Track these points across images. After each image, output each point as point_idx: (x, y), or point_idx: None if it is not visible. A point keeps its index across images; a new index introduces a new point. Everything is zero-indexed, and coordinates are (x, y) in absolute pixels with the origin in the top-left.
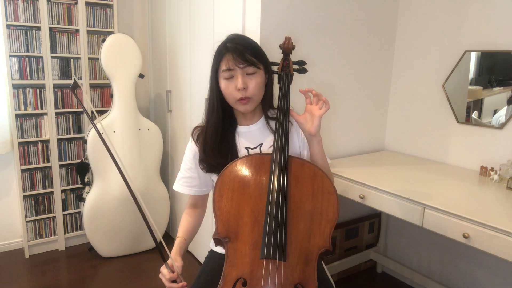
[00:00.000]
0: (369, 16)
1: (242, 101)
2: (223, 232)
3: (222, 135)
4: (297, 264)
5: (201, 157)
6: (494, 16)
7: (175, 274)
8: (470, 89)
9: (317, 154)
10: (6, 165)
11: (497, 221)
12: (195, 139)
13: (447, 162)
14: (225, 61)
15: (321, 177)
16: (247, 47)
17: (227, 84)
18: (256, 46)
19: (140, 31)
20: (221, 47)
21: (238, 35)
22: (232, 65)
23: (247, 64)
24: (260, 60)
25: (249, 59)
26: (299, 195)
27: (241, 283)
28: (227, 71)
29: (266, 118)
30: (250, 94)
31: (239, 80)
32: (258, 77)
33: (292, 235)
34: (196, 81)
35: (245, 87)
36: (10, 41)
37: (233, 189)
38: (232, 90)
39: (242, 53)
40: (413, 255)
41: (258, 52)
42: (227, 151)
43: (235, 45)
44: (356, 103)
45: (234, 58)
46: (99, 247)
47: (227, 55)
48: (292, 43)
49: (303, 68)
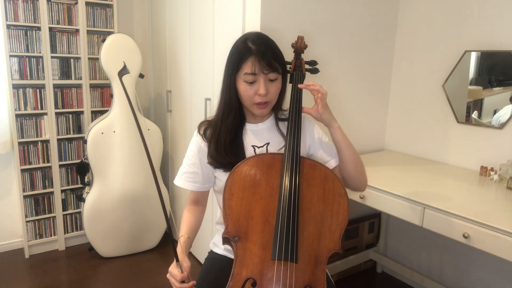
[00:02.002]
0: (368, 16)
1: (260, 106)
2: (232, 231)
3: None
4: (307, 266)
5: (212, 154)
6: (494, 16)
7: (186, 274)
8: (470, 89)
9: (340, 141)
10: (6, 165)
11: (497, 221)
12: (202, 133)
13: (447, 162)
14: (249, 65)
15: (332, 179)
16: (269, 49)
17: (247, 87)
18: (277, 47)
19: (140, 31)
20: (242, 46)
21: (259, 35)
22: (258, 70)
23: (271, 70)
24: (280, 64)
25: (274, 65)
26: (310, 196)
27: (251, 283)
28: (251, 75)
29: (276, 118)
30: (269, 99)
31: (261, 86)
32: (278, 83)
33: (303, 236)
34: (196, 81)
35: (266, 94)
36: (10, 41)
37: (243, 188)
38: (251, 94)
39: (266, 57)
40: (413, 255)
41: (279, 55)
42: (237, 150)
43: (258, 47)
44: (356, 103)
45: (259, 63)
46: (99, 247)
47: (251, 58)
48: (304, 43)
49: (315, 68)
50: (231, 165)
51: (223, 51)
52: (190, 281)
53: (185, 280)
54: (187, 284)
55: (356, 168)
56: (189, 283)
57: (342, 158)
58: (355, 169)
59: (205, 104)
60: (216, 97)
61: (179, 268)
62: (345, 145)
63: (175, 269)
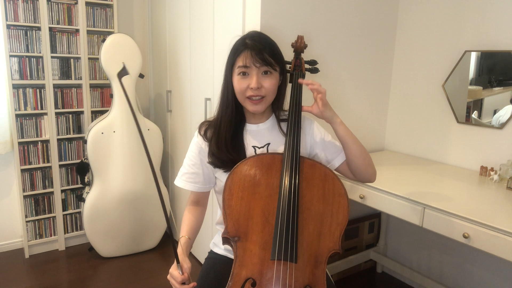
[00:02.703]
0: (368, 16)
1: (253, 101)
2: (232, 231)
3: (234, 130)
4: (307, 266)
5: (213, 151)
6: (494, 16)
7: (186, 276)
8: (470, 89)
9: (344, 136)
10: (6, 165)
11: (497, 221)
12: (202, 134)
13: (447, 162)
14: (242, 58)
15: (332, 178)
16: (266, 46)
17: (240, 80)
18: (275, 46)
19: (140, 31)
20: (239, 42)
21: (258, 33)
22: (249, 62)
23: (263, 64)
24: (277, 61)
25: (267, 59)
26: (310, 196)
27: (250, 283)
28: (243, 67)
29: (277, 119)
30: (264, 93)
31: (253, 79)
32: (273, 78)
33: (303, 236)
34: (196, 81)
35: (258, 87)
36: (10, 41)
37: (243, 188)
38: (243, 87)
39: (261, 52)
40: (413, 255)
41: (276, 53)
42: (238, 148)
43: (254, 42)
44: (356, 103)
45: (252, 56)
46: (99, 247)
47: (245, 52)
48: (304, 42)
49: (315, 67)
50: (232, 162)
51: (223, 51)
52: (190, 282)
53: (185, 281)
54: (187, 285)
55: (364, 160)
56: (190, 285)
57: (348, 153)
58: (363, 162)
59: (205, 104)
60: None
61: (179, 270)
62: (350, 139)
63: (175, 270)
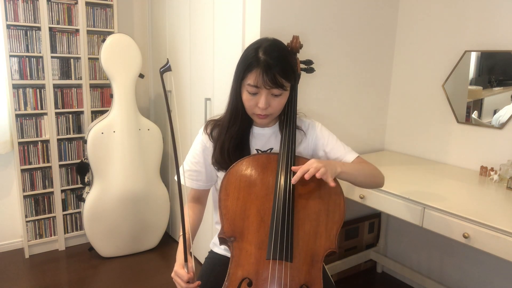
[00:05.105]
0: (368, 16)
1: (260, 115)
2: (228, 231)
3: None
4: (303, 265)
5: (216, 158)
6: (494, 16)
7: (192, 274)
8: (470, 89)
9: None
10: (6, 165)
11: (497, 221)
12: (208, 133)
13: (447, 162)
14: (252, 76)
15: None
16: (278, 63)
17: (249, 97)
18: (288, 60)
19: (140, 31)
20: (252, 54)
21: (272, 44)
22: (260, 84)
23: (274, 87)
24: (289, 80)
25: (278, 82)
26: (306, 195)
27: (247, 283)
28: (253, 87)
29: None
30: (270, 112)
31: (262, 100)
32: (282, 98)
33: (299, 236)
34: (196, 81)
35: (266, 107)
36: (10, 41)
37: (239, 188)
38: (252, 104)
39: (273, 73)
40: (413, 255)
41: (288, 71)
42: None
43: (266, 58)
44: (356, 103)
45: (263, 77)
46: (99, 247)
47: (256, 70)
48: (299, 42)
49: (311, 67)
50: None
51: (223, 51)
52: (195, 281)
53: (190, 280)
54: (192, 284)
55: (371, 182)
56: (194, 284)
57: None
58: (370, 183)
59: (205, 104)
60: (216, 97)
61: (186, 268)
62: (353, 178)
63: (182, 269)
